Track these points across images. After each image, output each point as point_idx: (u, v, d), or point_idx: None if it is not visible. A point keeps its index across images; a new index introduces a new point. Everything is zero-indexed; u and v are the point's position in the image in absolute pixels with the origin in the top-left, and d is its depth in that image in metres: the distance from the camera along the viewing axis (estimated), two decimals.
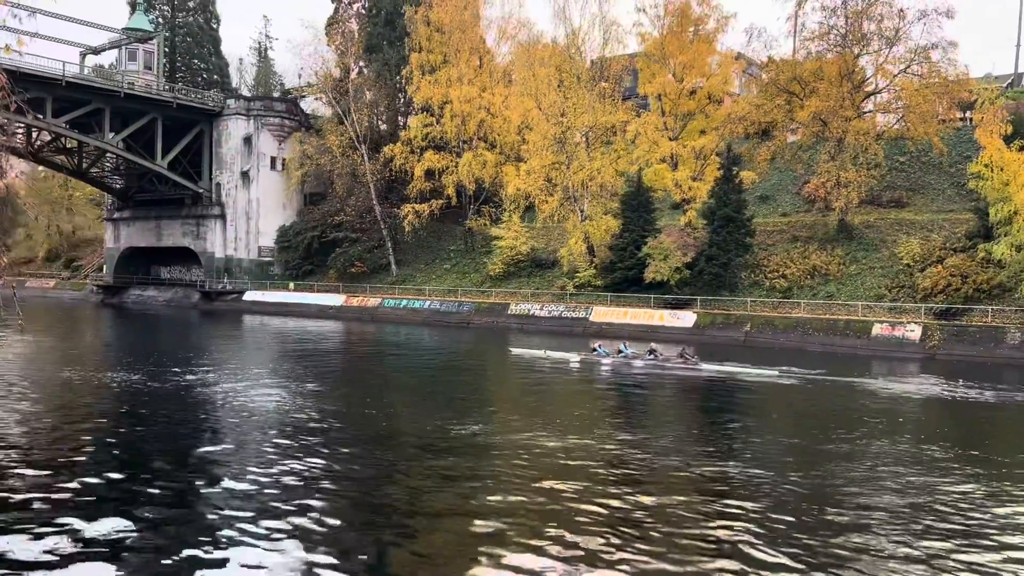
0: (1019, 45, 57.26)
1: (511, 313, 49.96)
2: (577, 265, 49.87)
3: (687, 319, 43.26)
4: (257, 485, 12.67)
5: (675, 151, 47.78)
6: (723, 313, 43.03)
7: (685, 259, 44.45)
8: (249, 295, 64.76)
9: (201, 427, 17.61)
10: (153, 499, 11.86)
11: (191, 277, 72.07)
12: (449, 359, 34.65)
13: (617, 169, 50.55)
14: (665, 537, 10.56)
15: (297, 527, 10.76)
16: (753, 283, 45.11)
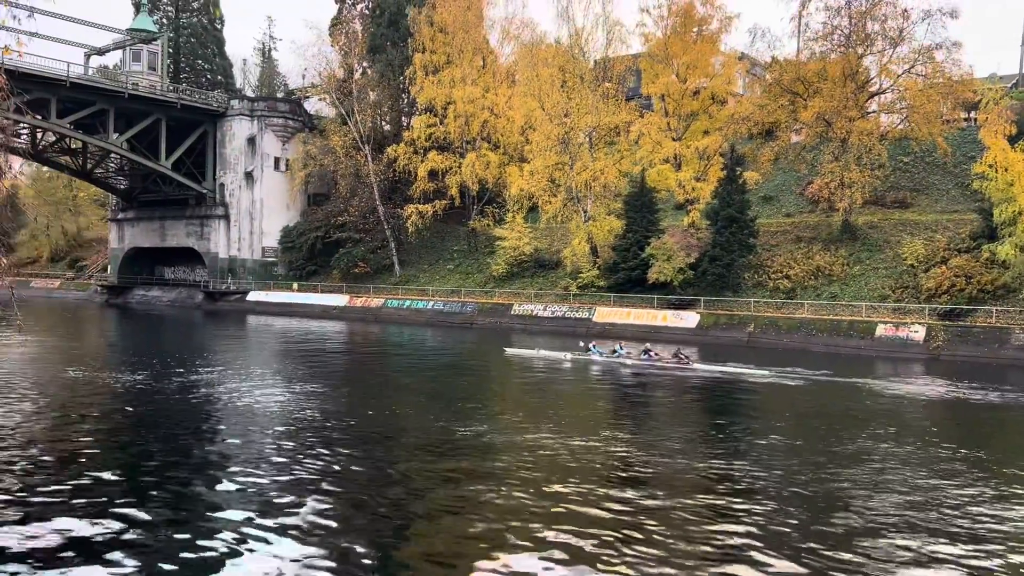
0: None
1: (514, 314, 49.96)
2: (580, 266, 49.86)
3: (690, 320, 43.22)
4: (260, 484, 12.71)
5: (678, 151, 47.77)
6: (726, 314, 42.98)
7: (688, 260, 44.40)
8: (253, 295, 64.86)
9: (205, 427, 17.66)
10: (156, 497, 11.90)
11: (195, 277, 72.17)
12: (452, 359, 34.67)
13: (620, 169, 50.54)
14: (668, 538, 10.56)
15: (300, 525, 10.80)
16: (756, 284, 45.05)
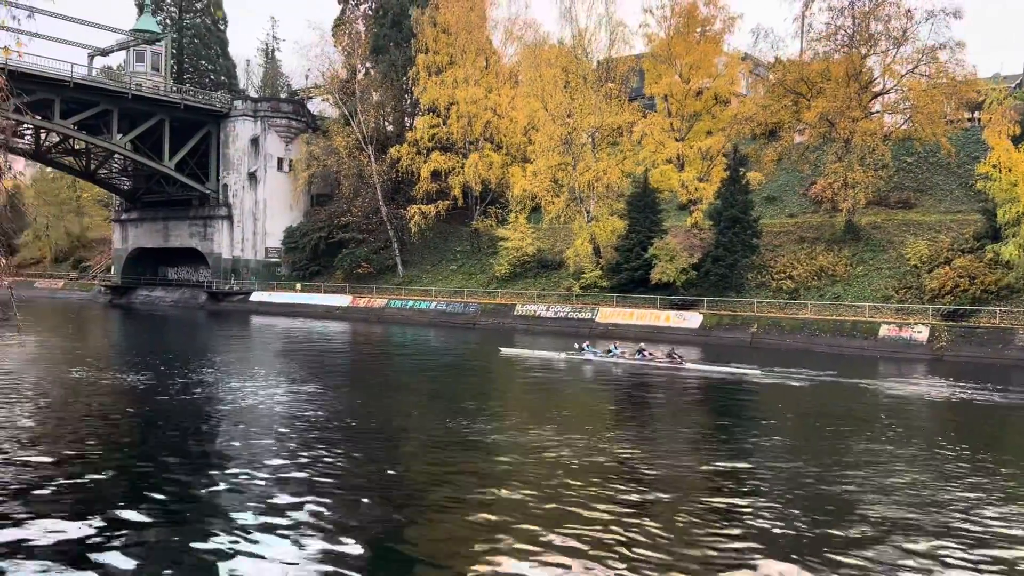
0: None
1: (517, 314, 49.94)
2: (583, 266, 49.84)
3: (693, 320, 43.18)
4: (262, 483, 12.72)
5: (681, 152, 47.76)
6: (729, 314, 42.94)
7: (691, 260, 44.38)
8: (256, 296, 64.95)
9: (207, 427, 17.68)
10: (158, 496, 11.91)
11: (198, 278, 72.30)
12: (454, 360, 34.69)
13: (623, 170, 50.51)
14: (671, 539, 10.55)
15: (300, 525, 10.84)
16: (760, 284, 45.01)
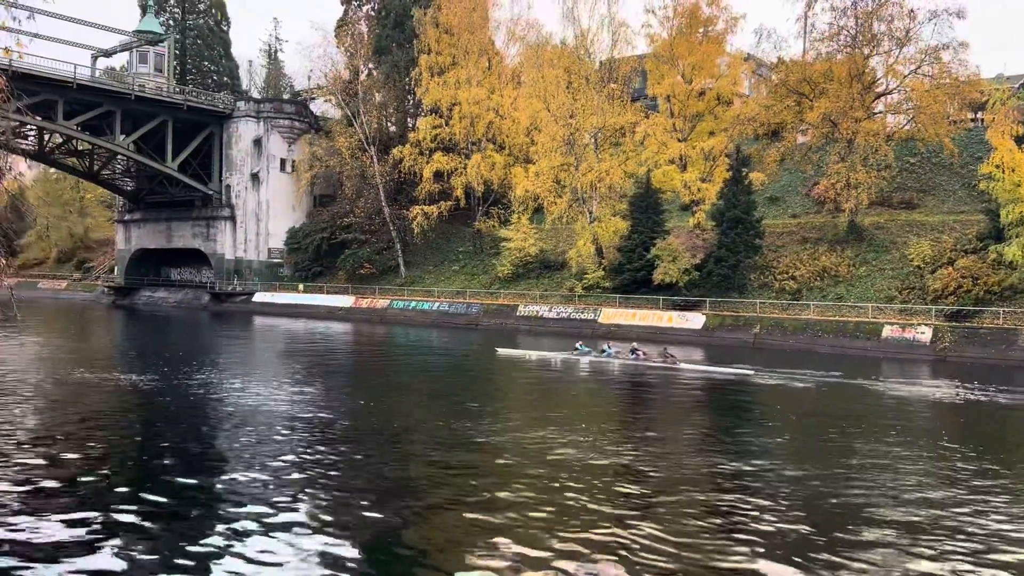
0: None
1: (520, 315, 49.93)
2: (586, 267, 49.82)
3: (696, 321, 43.16)
4: (263, 483, 12.75)
5: (684, 152, 47.73)
6: (732, 315, 42.91)
7: (694, 261, 44.35)
8: (259, 296, 65.03)
9: (210, 426, 17.70)
10: (160, 496, 11.94)
11: (201, 279, 72.40)
12: (456, 360, 34.69)
13: (626, 170, 50.48)
14: (674, 541, 10.55)
15: (303, 523, 10.87)
16: (762, 285, 44.97)
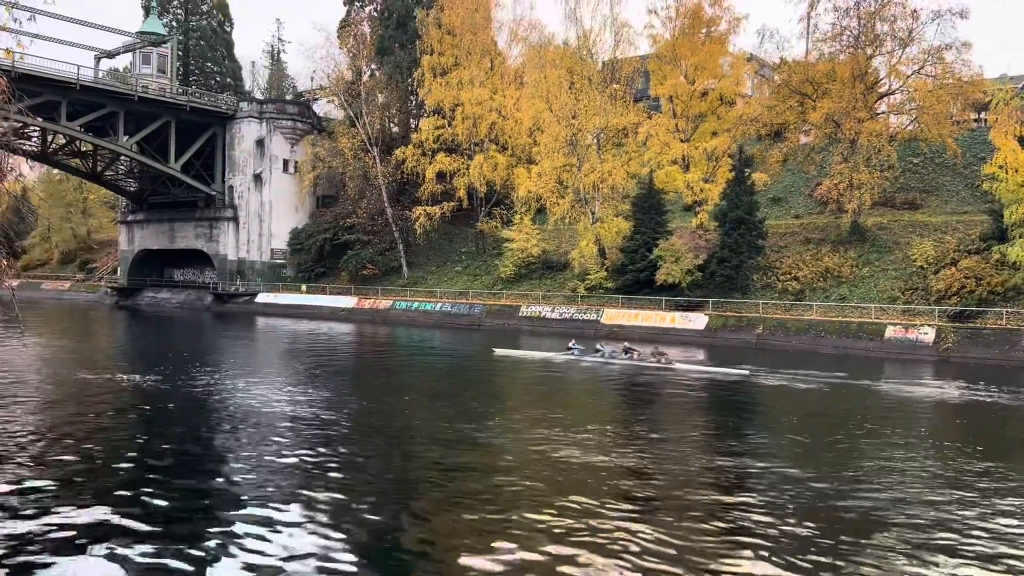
0: None
1: (522, 315, 49.93)
2: (588, 267, 49.82)
3: (699, 321, 43.14)
4: (264, 482, 12.77)
5: (687, 153, 47.70)
6: (735, 315, 42.88)
7: (697, 261, 44.33)
8: (261, 297, 65.08)
9: (212, 426, 17.72)
10: (162, 493, 11.96)
11: (204, 279, 72.49)
12: (458, 361, 34.69)
13: (628, 171, 50.47)
14: (675, 542, 10.54)
15: (303, 522, 10.91)
16: (765, 285, 44.93)
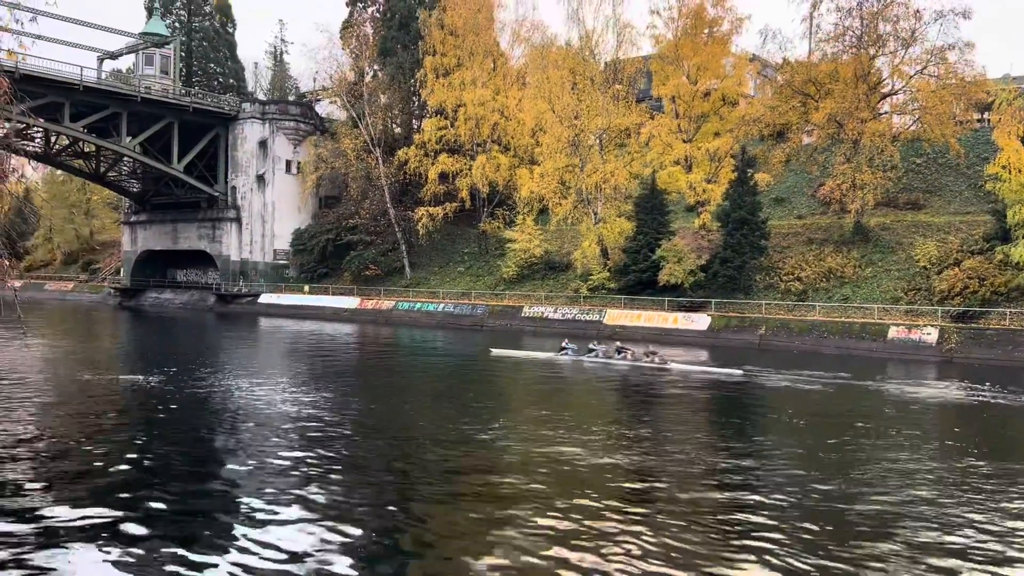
0: None
1: (525, 316, 49.92)
2: (591, 268, 49.80)
3: (701, 322, 43.11)
4: (263, 481, 12.79)
5: (689, 153, 47.67)
6: (738, 316, 42.85)
7: (699, 262, 44.30)
8: (264, 298, 65.15)
9: (213, 425, 17.76)
10: (163, 493, 11.99)
11: (207, 280, 72.57)
12: (461, 361, 34.70)
13: (631, 171, 50.46)
14: (677, 544, 10.55)
15: (304, 521, 10.94)
16: (768, 286, 44.90)
